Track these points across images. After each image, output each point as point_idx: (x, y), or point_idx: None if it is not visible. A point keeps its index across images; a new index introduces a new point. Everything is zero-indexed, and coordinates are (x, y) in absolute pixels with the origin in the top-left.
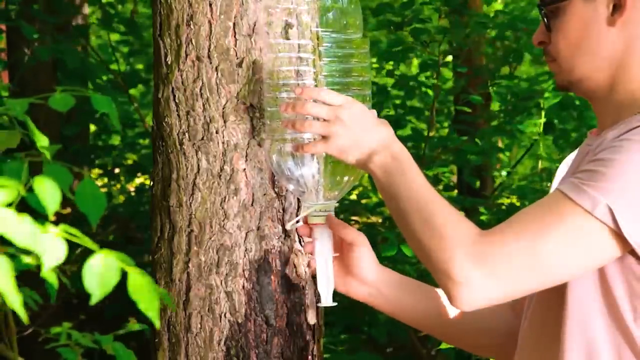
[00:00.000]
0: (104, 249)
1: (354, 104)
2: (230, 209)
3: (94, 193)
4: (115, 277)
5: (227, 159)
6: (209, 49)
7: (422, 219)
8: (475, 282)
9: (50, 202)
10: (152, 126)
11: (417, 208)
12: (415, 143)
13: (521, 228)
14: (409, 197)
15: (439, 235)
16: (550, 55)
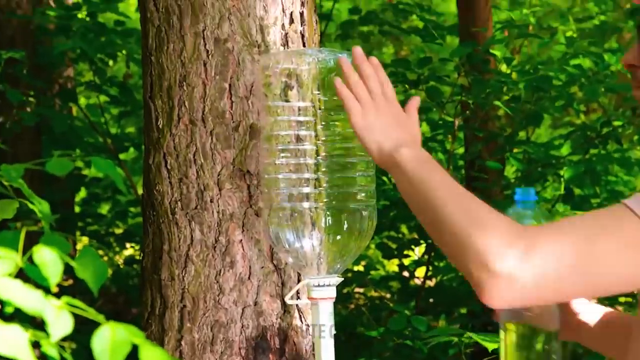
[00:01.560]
0: (110, 321)
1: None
2: (225, 282)
3: (95, 260)
4: (125, 349)
5: (223, 229)
6: (203, 111)
7: (461, 208)
8: (516, 276)
9: (52, 273)
10: (143, 194)
11: (456, 195)
12: None
13: (573, 229)
14: (444, 186)
15: (480, 223)
16: (639, 81)
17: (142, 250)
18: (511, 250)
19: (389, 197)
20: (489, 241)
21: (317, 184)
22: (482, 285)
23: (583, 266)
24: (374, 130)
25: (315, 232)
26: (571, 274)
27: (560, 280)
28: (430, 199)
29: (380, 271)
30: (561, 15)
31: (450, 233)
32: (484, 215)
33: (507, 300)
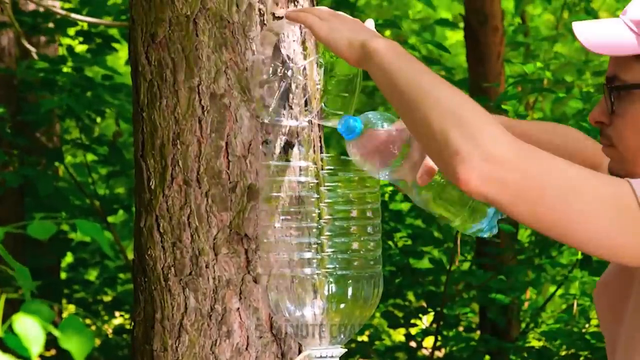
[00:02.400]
0: None
1: None
2: (222, 354)
3: (80, 329)
4: None
5: (219, 296)
6: (198, 171)
7: (449, 90)
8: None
9: (33, 343)
10: (134, 259)
11: (440, 81)
12: (434, 278)
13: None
14: (426, 71)
15: (474, 107)
16: (608, 139)
17: (133, 319)
18: (506, 139)
19: (395, 263)
20: (485, 125)
21: (319, 249)
22: (466, 157)
23: (567, 192)
24: (341, 30)
25: (317, 300)
26: (552, 191)
27: (542, 190)
28: (413, 84)
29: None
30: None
31: (439, 114)
32: (475, 104)
33: (485, 178)
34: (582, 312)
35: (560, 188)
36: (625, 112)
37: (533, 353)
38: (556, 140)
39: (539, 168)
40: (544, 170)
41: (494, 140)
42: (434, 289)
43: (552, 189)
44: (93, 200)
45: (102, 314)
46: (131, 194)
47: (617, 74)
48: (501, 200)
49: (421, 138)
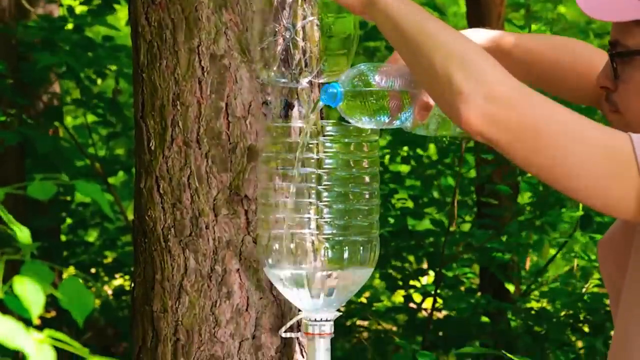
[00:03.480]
0: (96, 356)
1: None
2: (221, 314)
3: (80, 290)
4: None
5: (219, 257)
6: (198, 132)
7: (453, 35)
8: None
9: (33, 304)
10: (134, 220)
11: (445, 28)
12: (434, 239)
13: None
14: (431, 18)
15: (478, 50)
16: (613, 105)
17: (133, 280)
18: (509, 80)
19: (394, 225)
20: (489, 66)
21: (318, 213)
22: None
23: (564, 138)
24: None
25: (314, 263)
26: (550, 135)
27: (539, 133)
28: (417, 29)
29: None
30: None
31: (443, 56)
32: (479, 48)
33: (486, 118)
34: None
35: (557, 133)
36: (630, 78)
37: (532, 314)
38: (565, 58)
39: (539, 112)
40: (543, 114)
41: (497, 81)
42: (434, 250)
43: (549, 134)
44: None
45: (102, 276)
46: (131, 155)
47: (619, 40)
48: (500, 140)
49: (425, 81)
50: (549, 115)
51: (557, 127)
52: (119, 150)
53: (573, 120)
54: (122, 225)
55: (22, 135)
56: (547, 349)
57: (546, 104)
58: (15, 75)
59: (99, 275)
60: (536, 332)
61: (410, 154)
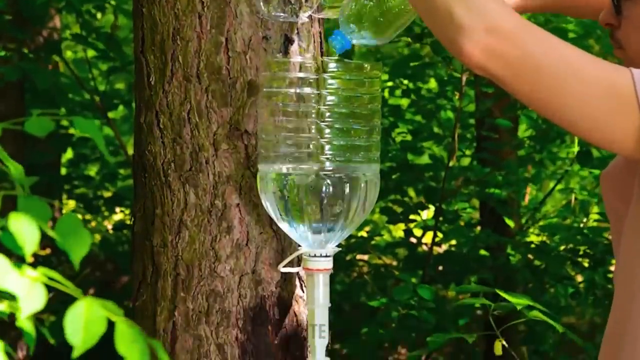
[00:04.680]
0: (87, 296)
1: None
2: (221, 249)
3: (77, 229)
4: (100, 328)
5: (219, 192)
6: (198, 67)
7: None
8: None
9: (28, 242)
10: (134, 155)
11: None
12: (434, 173)
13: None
14: None
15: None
16: (617, 42)
17: (133, 215)
18: (510, 15)
19: (393, 159)
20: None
21: (318, 148)
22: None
23: (564, 73)
24: None
25: (314, 198)
26: (550, 69)
27: (540, 68)
28: None
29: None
30: None
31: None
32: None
33: (488, 52)
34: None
35: (558, 68)
36: (631, 14)
37: (532, 248)
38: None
39: (541, 46)
40: (545, 48)
41: (498, 15)
42: (434, 184)
43: (550, 68)
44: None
45: (102, 210)
46: (132, 90)
47: None
48: (502, 75)
49: (424, 14)
50: (550, 50)
51: (558, 62)
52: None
53: (575, 55)
54: (122, 160)
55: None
56: (546, 283)
57: (548, 40)
58: (15, 9)
59: (99, 209)
60: (536, 266)
61: (410, 87)
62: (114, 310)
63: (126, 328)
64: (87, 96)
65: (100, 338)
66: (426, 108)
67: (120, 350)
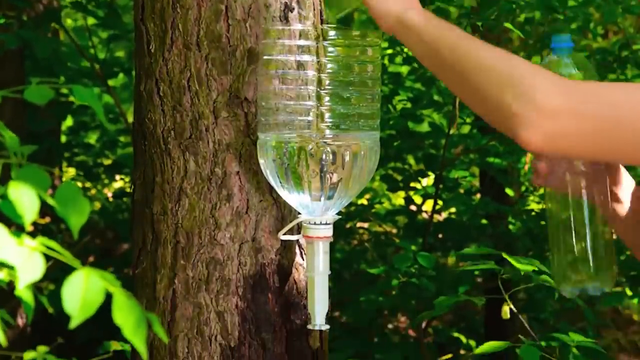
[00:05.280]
0: (85, 266)
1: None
2: (221, 217)
3: (76, 197)
4: (98, 299)
5: (218, 160)
6: (198, 35)
7: (495, 53)
8: (561, 109)
9: (27, 211)
10: (133, 123)
11: (485, 45)
12: (434, 141)
13: (624, 88)
14: (468, 37)
15: (520, 64)
16: None
17: (133, 183)
18: (558, 89)
19: (393, 126)
20: (535, 79)
21: (319, 115)
22: (523, 118)
23: (630, 123)
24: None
25: (314, 166)
26: (616, 126)
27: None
28: (456, 54)
29: (386, 205)
30: None
31: (488, 79)
32: (521, 60)
33: (549, 135)
34: None
35: (630, 121)
36: None
37: (532, 216)
38: None
39: (601, 108)
40: (606, 108)
41: (547, 94)
42: (434, 152)
43: (623, 124)
44: (93, 63)
45: (102, 177)
46: (132, 57)
47: None
48: (573, 151)
49: (475, 106)
50: (611, 107)
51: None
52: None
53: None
54: (122, 127)
55: (22, 39)
56: (546, 251)
57: (604, 97)
58: None
59: (99, 176)
60: (536, 234)
61: (410, 54)
62: (112, 281)
63: (124, 299)
64: (87, 64)
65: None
66: (426, 75)
67: (117, 320)
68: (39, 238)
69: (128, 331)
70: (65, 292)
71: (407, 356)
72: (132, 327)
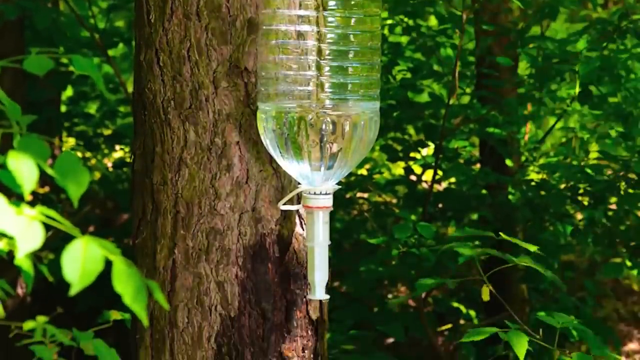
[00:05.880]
0: (85, 235)
1: None
2: (221, 187)
3: (76, 167)
4: (98, 267)
5: (218, 130)
6: (198, 5)
7: None
8: None
9: (26, 180)
10: (133, 93)
11: None
12: (433, 111)
13: None
14: None
15: None
16: None
17: (133, 153)
18: None
19: (394, 96)
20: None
21: (319, 85)
22: None
23: None
24: None
25: (314, 135)
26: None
27: None
28: None
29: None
30: None
31: None
32: None
33: None
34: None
35: None
36: None
37: (532, 186)
38: None
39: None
40: None
41: None
42: (434, 122)
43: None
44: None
45: (102, 147)
46: (132, 27)
47: None
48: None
49: None
50: None
51: None
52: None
53: None
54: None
55: (22, 9)
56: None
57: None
58: None
59: (99, 146)
60: (535, 204)
61: (410, 24)
62: (112, 249)
63: (124, 266)
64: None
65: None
66: (426, 45)
67: (117, 288)
68: (39, 207)
69: (128, 298)
70: (65, 260)
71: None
72: (132, 295)
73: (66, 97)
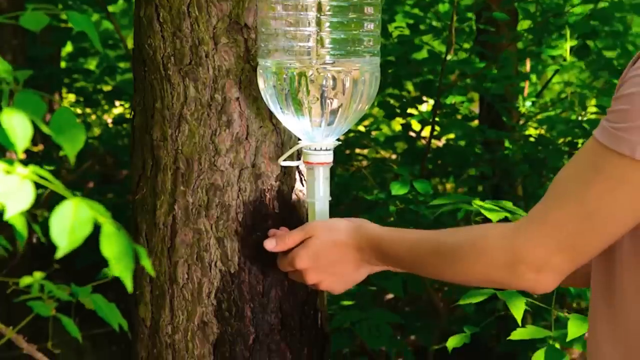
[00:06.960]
0: (76, 196)
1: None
2: (221, 143)
3: (72, 123)
4: (86, 229)
5: (218, 86)
6: None
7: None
8: (549, 261)
9: (19, 138)
10: (133, 49)
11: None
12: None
13: (562, 192)
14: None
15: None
16: None
17: (133, 109)
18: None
19: (392, 52)
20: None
21: (319, 41)
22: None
23: (588, 224)
24: (338, 285)
25: (314, 91)
26: (582, 235)
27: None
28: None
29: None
30: None
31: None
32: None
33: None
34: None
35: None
36: None
37: (530, 142)
38: None
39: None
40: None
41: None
42: (432, 77)
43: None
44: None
45: (102, 103)
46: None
47: None
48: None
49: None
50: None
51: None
52: None
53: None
54: (121, 54)
55: None
56: (544, 176)
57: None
58: None
59: (99, 102)
60: (534, 159)
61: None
62: (102, 211)
63: (112, 229)
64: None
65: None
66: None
67: (104, 252)
68: (31, 166)
69: (115, 263)
70: (54, 221)
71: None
72: (118, 260)
73: (66, 54)
